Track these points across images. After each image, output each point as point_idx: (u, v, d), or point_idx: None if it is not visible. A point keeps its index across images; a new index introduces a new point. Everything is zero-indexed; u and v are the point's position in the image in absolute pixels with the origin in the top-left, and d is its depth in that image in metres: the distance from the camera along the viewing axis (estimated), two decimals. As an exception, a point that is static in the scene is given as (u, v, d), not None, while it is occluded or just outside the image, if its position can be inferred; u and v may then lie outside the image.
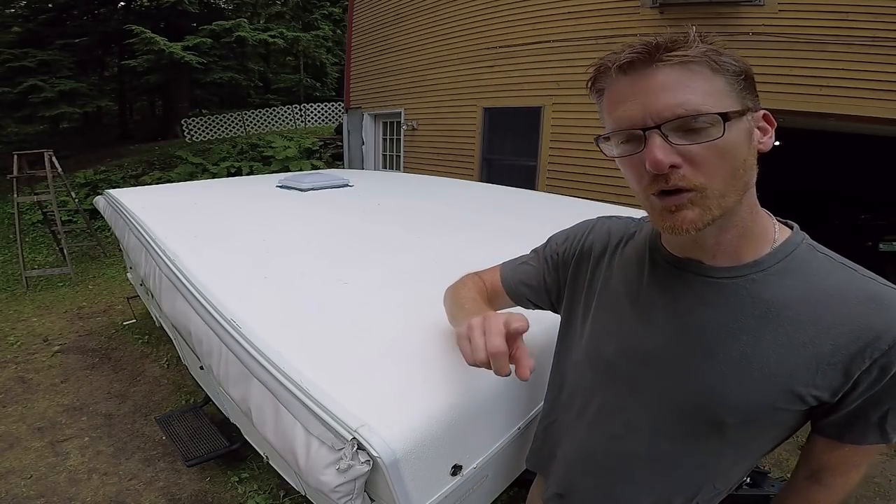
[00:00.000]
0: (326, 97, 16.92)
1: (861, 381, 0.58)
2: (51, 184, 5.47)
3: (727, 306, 0.64)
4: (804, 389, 0.60)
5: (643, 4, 4.64)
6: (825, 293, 0.60)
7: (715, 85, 0.56)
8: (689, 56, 0.55)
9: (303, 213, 2.50)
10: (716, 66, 0.55)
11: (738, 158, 0.57)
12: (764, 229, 0.64)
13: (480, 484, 1.05)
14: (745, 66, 0.58)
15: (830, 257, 0.63)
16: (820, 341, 0.58)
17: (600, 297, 0.79)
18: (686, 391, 0.67)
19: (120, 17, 13.83)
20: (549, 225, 1.17)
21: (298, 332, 1.20)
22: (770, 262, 0.63)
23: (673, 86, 0.55)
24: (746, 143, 0.58)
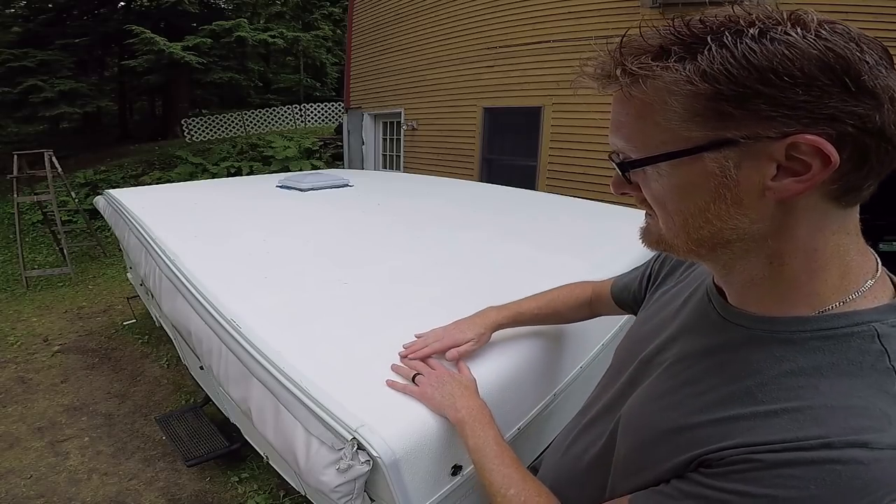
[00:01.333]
0: (326, 97, 16.92)
1: (722, 460, 0.46)
2: (51, 184, 5.47)
3: (715, 347, 0.53)
4: (688, 461, 0.49)
5: (643, 4, 4.64)
6: (811, 385, 0.43)
7: (654, 117, 0.44)
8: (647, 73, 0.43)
9: (303, 213, 2.50)
10: (672, 84, 0.41)
11: (689, 204, 0.45)
12: (814, 290, 0.46)
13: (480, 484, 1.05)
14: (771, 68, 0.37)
15: (887, 353, 0.42)
16: (747, 421, 0.45)
17: (650, 306, 0.76)
18: (630, 409, 0.63)
19: (120, 17, 13.82)
20: (549, 225, 1.17)
21: (298, 332, 1.20)
22: (794, 327, 0.46)
23: (615, 122, 0.48)
24: (710, 185, 0.43)
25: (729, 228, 0.44)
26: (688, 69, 0.40)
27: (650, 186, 0.47)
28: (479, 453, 0.75)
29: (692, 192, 0.44)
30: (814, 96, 0.37)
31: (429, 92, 7.15)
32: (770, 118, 0.39)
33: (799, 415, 0.42)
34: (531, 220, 2.47)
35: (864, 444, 0.38)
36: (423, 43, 7.14)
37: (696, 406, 0.50)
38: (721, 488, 0.44)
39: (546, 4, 5.44)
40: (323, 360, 1.05)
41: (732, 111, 0.40)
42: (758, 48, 0.38)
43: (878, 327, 0.43)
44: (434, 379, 0.91)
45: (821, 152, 0.38)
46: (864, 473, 0.38)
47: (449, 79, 6.78)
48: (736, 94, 0.39)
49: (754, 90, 0.38)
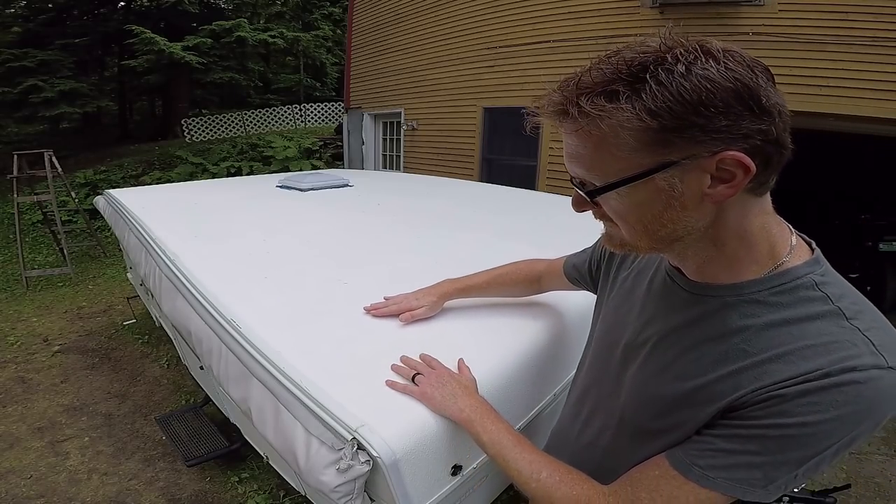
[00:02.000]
0: (326, 97, 16.92)
1: (747, 402, 0.54)
2: (51, 184, 5.47)
3: (693, 320, 0.63)
4: (715, 413, 0.57)
5: (643, 4, 4.64)
6: (787, 328, 0.54)
7: (610, 150, 0.51)
8: (600, 112, 0.49)
9: (303, 213, 2.50)
10: (644, 114, 0.48)
11: (647, 214, 0.54)
12: (753, 258, 0.58)
13: (480, 484, 1.05)
14: (700, 102, 0.46)
15: (828, 297, 0.54)
16: (750, 371, 0.54)
17: (616, 294, 0.83)
18: (630, 390, 0.71)
19: (120, 17, 13.84)
20: (550, 225, 1.17)
21: (298, 332, 1.20)
22: (750, 289, 0.58)
23: (571, 153, 0.56)
24: (661, 198, 0.52)
25: (680, 228, 0.55)
26: (636, 108, 0.48)
27: (611, 205, 0.56)
28: (498, 446, 0.74)
29: (648, 205, 0.54)
30: (732, 121, 0.47)
31: (429, 92, 7.14)
32: (702, 142, 0.48)
33: (790, 356, 0.52)
34: (531, 220, 2.47)
35: (853, 368, 0.49)
36: (423, 43, 7.14)
37: (699, 369, 0.59)
38: (754, 425, 0.53)
39: (546, 4, 5.44)
40: (323, 360, 1.05)
41: (674, 139, 0.49)
42: (687, 84, 0.46)
43: (814, 278, 0.56)
44: (434, 379, 0.91)
45: (742, 163, 0.49)
46: (865, 391, 0.48)
47: (449, 79, 6.78)
48: (676, 126, 0.48)
49: (690, 121, 0.47)
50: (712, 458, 0.56)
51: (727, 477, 0.55)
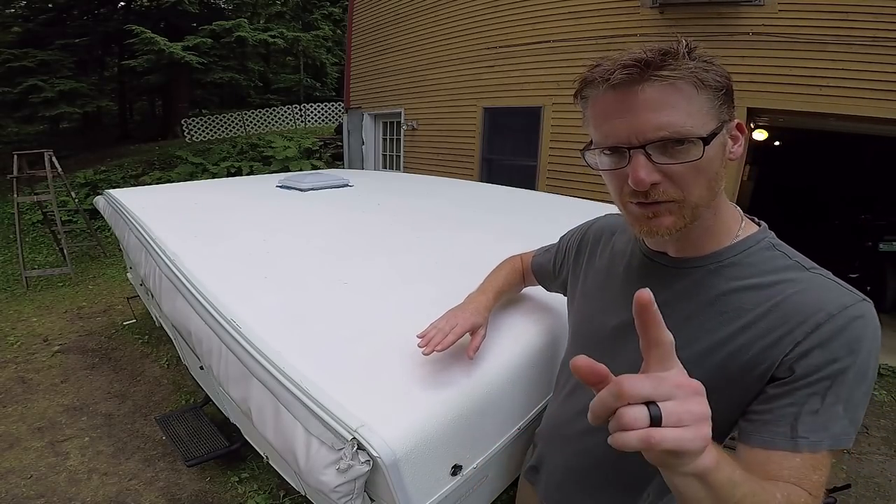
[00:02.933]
0: (326, 97, 16.92)
1: (785, 365, 0.60)
2: (51, 184, 5.47)
3: (683, 292, 0.70)
4: (738, 371, 0.63)
5: (643, 4, 4.64)
6: (770, 283, 0.64)
7: (697, 104, 0.59)
8: (676, 75, 0.57)
9: (303, 213, 2.50)
10: (700, 84, 0.58)
11: (712, 172, 0.62)
12: (726, 225, 0.69)
13: (480, 484, 1.05)
14: (727, 81, 0.61)
15: (786, 254, 0.66)
16: (758, 324, 0.62)
17: (591, 282, 0.89)
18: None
19: (120, 17, 13.84)
20: (549, 225, 1.17)
21: (298, 332, 1.20)
22: (728, 255, 0.68)
23: (658, 106, 0.58)
24: (720, 157, 0.63)
25: (720, 185, 0.64)
26: (700, 76, 0.58)
27: (709, 155, 0.59)
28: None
29: (718, 159, 0.62)
30: (731, 97, 0.62)
31: (429, 92, 7.14)
32: (730, 109, 0.62)
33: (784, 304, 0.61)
34: (531, 220, 2.47)
35: (845, 305, 0.58)
36: (423, 43, 7.14)
37: (704, 333, 0.66)
38: (813, 382, 0.58)
39: (546, 4, 5.44)
40: (323, 360, 1.05)
41: (722, 103, 0.61)
42: (714, 68, 0.59)
43: (770, 240, 0.68)
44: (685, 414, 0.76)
45: (742, 129, 0.65)
46: (865, 322, 0.58)
47: (449, 79, 6.78)
48: (725, 91, 0.61)
49: (728, 88, 0.61)
50: (809, 424, 0.58)
51: (829, 435, 0.58)
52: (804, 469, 0.58)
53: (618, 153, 0.62)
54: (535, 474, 1.00)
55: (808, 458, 0.58)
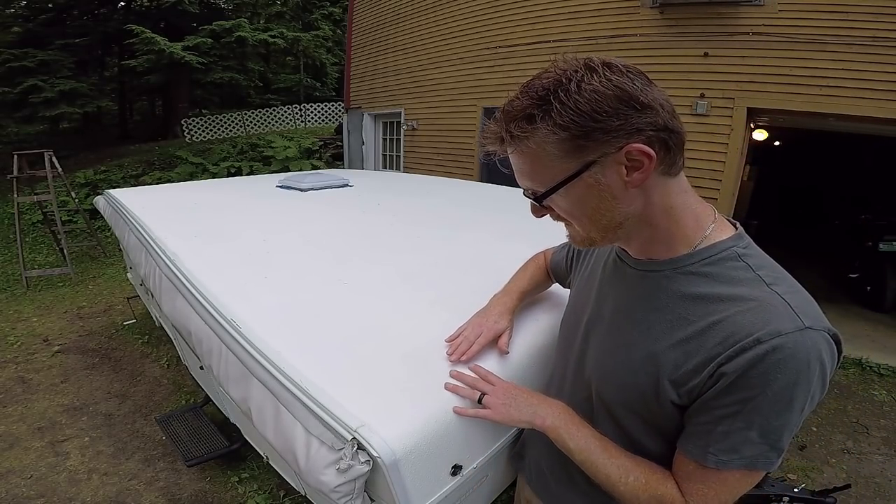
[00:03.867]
0: (326, 97, 16.92)
1: (707, 385, 0.62)
2: (51, 184, 5.47)
3: (639, 295, 0.72)
4: (668, 382, 0.65)
5: (643, 4, 4.64)
6: (720, 297, 0.63)
7: (544, 161, 0.62)
8: (521, 147, 0.63)
9: (303, 213, 2.50)
10: (543, 142, 0.61)
11: (588, 208, 0.65)
12: (682, 233, 0.68)
13: (480, 484, 1.05)
14: (593, 111, 0.58)
15: (750, 267, 0.64)
16: (695, 340, 0.63)
17: (581, 278, 0.93)
18: (591, 366, 0.79)
19: (120, 17, 13.83)
20: (549, 225, 1.17)
21: (298, 332, 1.20)
22: (685, 263, 0.68)
23: (518, 172, 0.67)
24: (593, 193, 0.63)
25: (618, 215, 0.65)
26: (549, 125, 0.59)
27: (559, 205, 0.67)
28: (586, 452, 0.75)
29: (586, 200, 0.64)
30: (623, 120, 0.58)
31: (429, 92, 7.14)
32: (606, 141, 0.59)
33: (723, 323, 0.61)
34: (531, 221, 2.47)
35: (779, 332, 0.57)
36: (423, 43, 7.14)
37: (650, 338, 0.68)
38: (728, 404, 0.60)
39: (546, 4, 5.44)
40: (323, 360, 1.05)
41: (586, 144, 0.60)
42: (581, 98, 0.57)
43: (737, 250, 0.66)
44: (502, 395, 0.87)
45: (643, 152, 0.59)
46: (794, 353, 0.56)
47: (449, 79, 6.78)
48: (582, 133, 0.59)
49: (590, 127, 0.58)
50: (719, 444, 0.62)
51: (740, 457, 0.61)
52: (704, 478, 0.65)
53: None
54: (520, 461, 1.05)
55: (718, 473, 0.63)
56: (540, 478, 0.96)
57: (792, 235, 6.66)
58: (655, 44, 4.60)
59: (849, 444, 2.72)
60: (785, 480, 2.19)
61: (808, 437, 2.77)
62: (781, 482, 1.89)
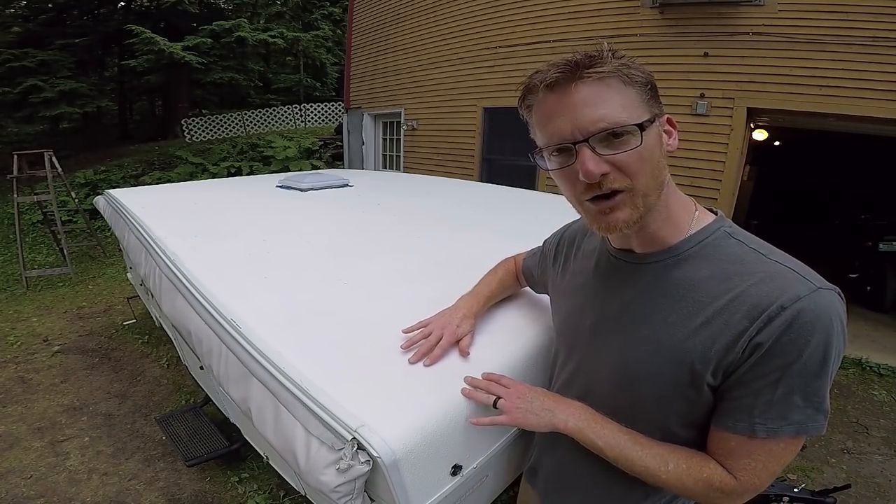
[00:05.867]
0: (326, 97, 16.92)
1: (742, 359, 0.62)
2: (51, 184, 5.47)
3: (644, 288, 0.72)
4: (701, 366, 0.65)
5: (643, 4, 4.64)
6: (727, 275, 0.65)
7: (628, 97, 0.63)
8: (604, 72, 0.61)
9: (303, 213, 2.50)
10: (627, 79, 0.62)
11: (654, 160, 0.65)
12: (679, 218, 0.70)
13: (480, 484, 1.05)
14: (650, 77, 0.65)
15: (743, 242, 0.67)
16: (717, 319, 0.63)
17: (567, 283, 0.92)
18: (609, 366, 0.77)
19: (120, 17, 13.84)
20: (549, 225, 1.17)
21: (298, 332, 1.19)
22: (683, 248, 0.69)
23: (593, 101, 0.62)
24: (659, 146, 0.66)
25: (664, 175, 0.67)
26: (627, 74, 0.63)
27: (647, 144, 0.63)
28: (618, 448, 0.74)
29: (657, 148, 0.65)
30: (657, 93, 0.66)
31: (429, 92, 7.14)
32: (658, 103, 0.66)
33: (742, 297, 0.62)
34: (531, 220, 2.47)
35: (798, 296, 0.59)
36: (423, 43, 7.14)
37: (667, 329, 0.68)
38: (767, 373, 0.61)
39: (546, 4, 5.44)
40: (323, 360, 1.05)
41: (650, 98, 0.65)
42: (636, 68, 0.64)
43: (725, 230, 0.69)
44: (517, 398, 0.84)
45: (672, 122, 0.69)
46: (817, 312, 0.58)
47: (449, 79, 6.77)
48: (650, 88, 0.65)
49: (651, 87, 0.65)
50: (765, 413, 0.62)
51: (788, 423, 0.62)
52: (750, 452, 0.65)
53: (565, 152, 0.65)
54: (534, 476, 1.02)
55: (766, 443, 0.63)
56: (557, 489, 0.94)
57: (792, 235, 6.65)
58: (655, 44, 4.60)
59: (849, 444, 2.72)
60: (785, 480, 2.19)
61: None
62: (781, 482, 1.89)
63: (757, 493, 0.69)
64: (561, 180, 0.69)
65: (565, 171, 0.67)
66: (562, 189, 0.71)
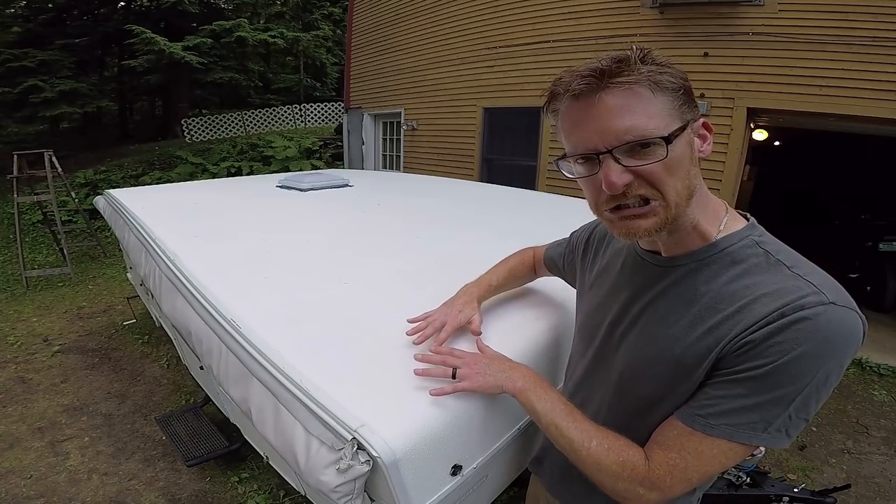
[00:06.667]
0: (326, 97, 16.92)
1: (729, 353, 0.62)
2: (51, 184, 5.47)
3: (664, 291, 0.72)
4: (702, 370, 0.64)
5: (643, 4, 4.64)
6: (745, 283, 0.64)
7: (656, 106, 0.61)
8: (631, 81, 0.60)
9: (303, 213, 2.50)
10: (656, 87, 0.60)
11: (683, 169, 0.63)
12: (708, 222, 0.69)
13: (480, 484, 1.05)
14: (684, 81, 0.62)
15: (769, 253, 0.65)
16: (724, 325, 0.63)
17: (593, 280, 0.91)
18: (621, 364, 0.78)
19: (120, 17, 13.84)
20: (549, 225, 1.18)
21: (298, 332, 1.19)
22: (708, 253, 0.68)
23: (620, 111, 0.60)
24: (688, 154, 0.64)
25: (694, 183, 0.65)
26: (656, 79, 0.60)
27: (675, 153, 0.61)
28: (551, 415, 0.76)
29: (686, 157, 0.63)
30: (691, 97, 0.64)
31: (429, 92, 7.14)
32: (693, 108, 0.64)
33: (751, 305, 0.61)
34: (531, 220, 2.47)
35: (802, 306, 0.57)
36: (423, 43, 7.14)
37: (680, 332, 0.67)
38: (735, 370, 0.60)
39: (546, 4, 5.44)
40: (323, 360, 1.05)
41: (684, 104, 0.63)
42: (669, 70, 0.61)
43: (754, 238, 0.67)
44: (474, 366, 0.88)
45: (708, 127, 0.66)
46: (817, 325, 0.56)
47: (449, 79, 6.77)
48: (684, 94, 0.63)
49: (686, 88, 0.63)
50: (710, 407, 0.62)
51: (727, 423, 0.61)
52: (681, 446, 0.64)
53: (590, 161, 0.65)
54: (539, 465, 1.03)
55: (698, 440, 0.63)
56: (563, 479, 0.95)
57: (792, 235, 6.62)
58: (655, 44, 4.60)
59: (849, 444, 2.72)
60: (785, 480, 2.19)
61: (808, 437, 2.77)
62: (781, 482, 1.89)
63: (663, 498, 0.67)
64: (585, 187, 0.70)
65: (589, 180, 0.67)
66: (586, 195, 0.72)
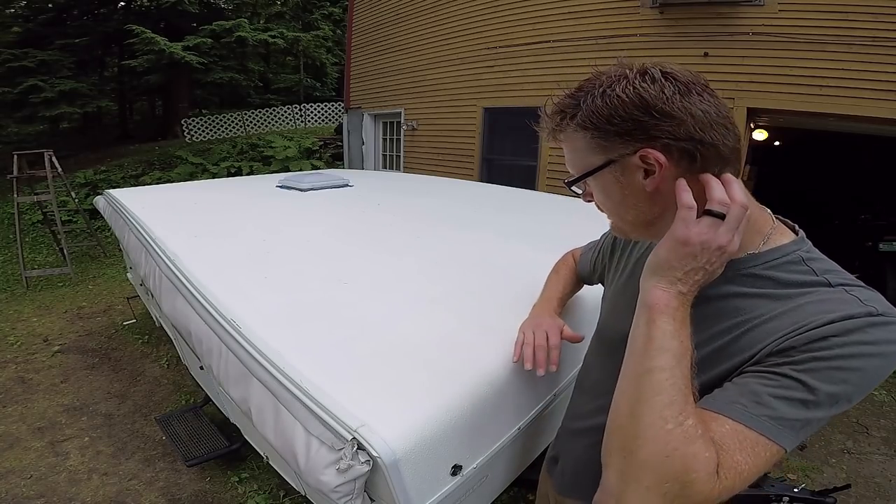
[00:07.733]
0: (326, 97, 16.92)
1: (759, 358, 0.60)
2: (51, 184, 5.47)
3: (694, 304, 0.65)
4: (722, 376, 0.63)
5: (643, 4, 4.64)
6: (785, 296, 0.61)
7: (577, 153, 0.68)
8: (562, 126, 0.67)
9: (303, 213, 2.50)
10: (578, 128, 0.65)
11: (614, 201, 0.68)
12: (747, 235, 0.64)
13: (480, 484, 1.05)
14: (610, 115, 0.61)
15: (813, 270, 0.62)
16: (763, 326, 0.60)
17: (617, 284, 0.91)
18: None
19: (120, 17, 13.82)
20: (550, 225, 1.17)
21: (298, 332, 1.20)
22: (747, 265, 0.65)
23: (566, 152, 0.71)
24: (616, 188, 0.66)
25: (643, 214, 0.66)
26: (575, 123, 0.65)
27: (593, 195, 0.71)
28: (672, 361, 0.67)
29: (610, 194, 0.67)
30: (637, 125, 0.60)
31: (429, 92, 7.14)
32: (623, 143, 0.62)
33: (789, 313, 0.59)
34: (531, 221, 2.47)
35: (849, 316, 0.55)
36: (423, 43, 7.14)
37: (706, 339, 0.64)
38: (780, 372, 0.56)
39: (546, 4, 5.44)
40: (323, 360, 1.05)
41: (605, 143, 0.63)
42: (602, 103, 0.61)
43: (801, 254, 0.64)
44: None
45: (656, 158, 0.60)
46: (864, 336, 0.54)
47: (449, 79, 6.77)
48: (601, 134, 0.63)
49: (607, 129, 0.62)
50: (768, 409, 0.55)
51: (782, 425, 0.55)
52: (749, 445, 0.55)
53: None
54: (554, 465, 1.02)
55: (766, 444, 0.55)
56: (575, 479, 0.94)
57: (792, 235, 6.62)
58: (655, 44, 4.60)
59: (849, 444, 2.72)
60: (785, 480, 2.19)
61: (808, 437, 2.77)
62: (781, 482, 1.89)
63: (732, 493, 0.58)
64: None
65: None
66: None
